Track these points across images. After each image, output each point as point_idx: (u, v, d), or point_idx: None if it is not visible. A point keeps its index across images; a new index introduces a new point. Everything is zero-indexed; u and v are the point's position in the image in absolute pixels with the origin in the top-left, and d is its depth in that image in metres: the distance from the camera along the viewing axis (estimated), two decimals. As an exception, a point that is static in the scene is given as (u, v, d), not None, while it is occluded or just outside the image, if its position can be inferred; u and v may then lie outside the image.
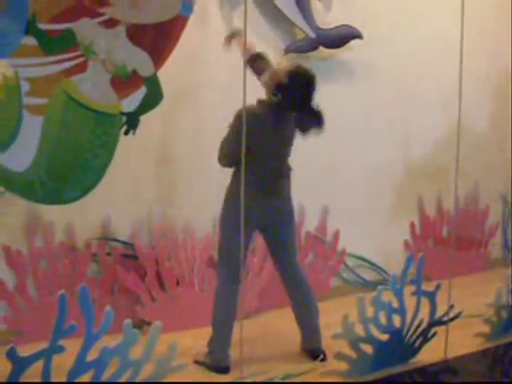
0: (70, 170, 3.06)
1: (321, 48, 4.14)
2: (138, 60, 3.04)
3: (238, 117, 2.98)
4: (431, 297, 3.13)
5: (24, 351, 2.17)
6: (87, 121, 3.02)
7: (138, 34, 3.02)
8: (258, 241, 3.95)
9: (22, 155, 2.95)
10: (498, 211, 5.49)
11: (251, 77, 2.71)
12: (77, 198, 3.13)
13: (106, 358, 2.36)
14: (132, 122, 3.12)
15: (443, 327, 3.25)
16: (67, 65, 2.93)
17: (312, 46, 4.09)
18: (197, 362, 3.19)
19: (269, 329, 3.73)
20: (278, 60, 3.63)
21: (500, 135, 5.32)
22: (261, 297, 3.95)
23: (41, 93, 2.92)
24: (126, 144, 3.19)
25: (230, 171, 3.26)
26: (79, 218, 3.49)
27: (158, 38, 3.08)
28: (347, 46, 4.27)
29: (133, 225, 3.67)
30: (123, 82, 3.04)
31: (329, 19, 4.22)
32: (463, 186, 4.97)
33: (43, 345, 2.21)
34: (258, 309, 3.92)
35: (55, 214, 3.39)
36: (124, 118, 3.10)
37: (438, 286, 3.15)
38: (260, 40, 3.92)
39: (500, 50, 5.07)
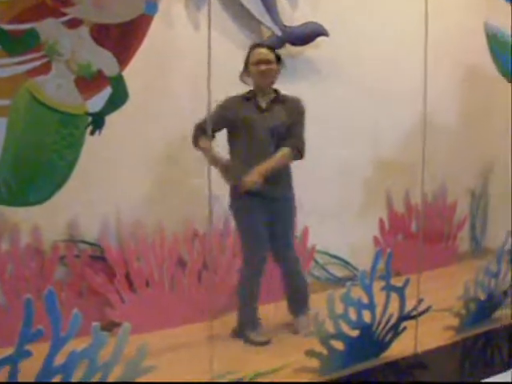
0: (36, 171, 3.03)
1: (287, 45, 4.14)
2: (102, 60, 3.01)
3: (222, 104, 3.40)
4: (400, 292, 3.15)
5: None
6: (52, 122, 2.98)
7: (102, 34, 2.99)
8: (228, 239, 3.95)
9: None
10: (466, 205, 5.55)
11: (217, 73, 2.70)
12: (43, 199, 3.09)
13: (74, 362, 2.33)
14: (97, 122, 3.09)
15: (413, 321, 3.27)
16: (31, 65, 2.89)
17: (278, 43, 4.08)
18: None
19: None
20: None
21: (468, 130, 5.38)
22: (230, 295, 3.94)
23: (4, 94, 2.88)
24: (92, 144, 3.16)
25: (198, 166, 3.27)
26: (46, 220, 3.44)
27: (123, 38, 3.06)
28: (314, 43, 4.28)
29: (101, 226, 3.63)
30: (88, 82, 3.01)
31: (295, 17, 4.23)
32: (431, 181, 5.02)
33: (10, 350, 2.18)
34: (228, 307, 3.91)
35: (21, 216, 3.34)
36: (89, 119, 3.07)
37: (406, 281, 3.17)
38: (226, 38, 3.93)
39: (467, 44, 5.11)
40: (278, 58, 3.47)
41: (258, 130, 3.38)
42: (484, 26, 4.50)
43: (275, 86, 3.50)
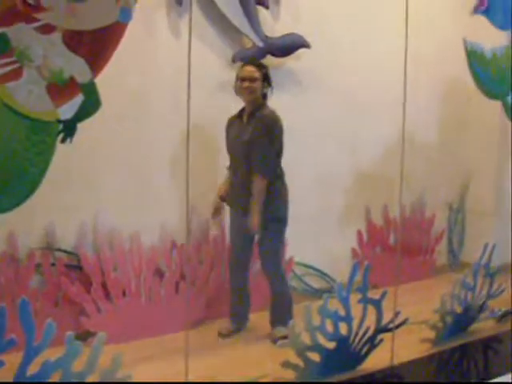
0: (6, 178, 2.97)
1: (269, 56, 4.15)
2: (74, 66, 2.97)
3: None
4: (377, 304, 3.16)
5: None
6: (23, 128, 2.93)
7: (74, 41, 2.95)
8: (205, 249, 3.94)
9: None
10: (443, 219, 5.58)
11: (197, 81, 2.70)
12: (12, 206, 3.03)
13: (47, 372, 2.30)
14: (69, 129, 3.05)
15: (389, 334, 3.28)
16: (1, 71, 2.84)
17: (259, 54, 4.09)
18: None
19: (216, 338, 3.70)
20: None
21: (446, 144, 5.42)
22: (208, 305, 3.92)
23: (-27, 100, 2.84)
24: (69, 151, 3.14)
25: (176, 176, 3.27)
26: (22, 228, 3.41)
27: (96, 45, 3.02)
28: (295, 54, 4.29)
29: (77, 234, 3.60)
30: (60, 88, 2.97)
31: (277, 28, 4.24)
32: (410, 194, 5.06)
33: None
34: (205, 317, 3.89)
35: (-4, 223, 3.30)
36: (61, 126, 3.03)
37: (383, 294, 3.17)
38: (207, 48, 3.93)
39: (447, 57, 5.16)
40: (266, 77, 3.63)
41: (235, 145, 3.64)
42: (463, 42, 4.53)
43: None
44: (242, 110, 3.66)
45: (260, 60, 4.04)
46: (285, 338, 3.39)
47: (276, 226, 3.63)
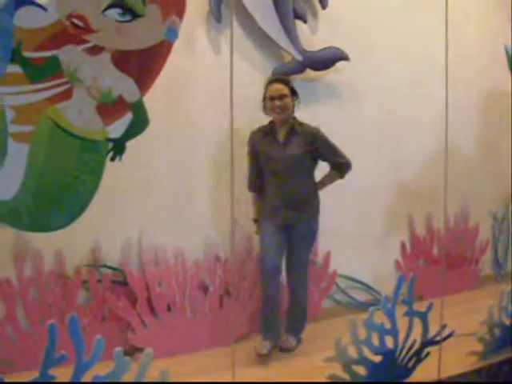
0: (57, 197, 3.04)
1: (308, 70, 4.17)
2: (123, 86, 3.04)
3: (248, 139, 3.69)
4: (423, 317, 3.11)
5: (14, 381, 2.15)
6: (73, 148, 3.01)
7: (122, 60, 3.02)
8: (249, 266, 3.95)
9: (7, 183, 2.93)
10: (488, 229, 5.51)
11: (238, 97, 2.73)
12: (64, 224, 3.10)
13: (97, 387, 2.33)
14: (118, 147, 3.11)
15: (436, 347, 3.23)
16: (52, 92, 2.92)
17: (299, 68, 4.11)
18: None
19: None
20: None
21: (488, 154, 5.35)
22: (251, 321, 3.93)
23: (26, 120, 2.91)
24: (113, 169, 3.19)
25: (220, 193, 3.29)
26: (68, 245, 3.47)
27: (143, 64, 3.09)
28: (334, 67, 4.30)
29: (122, 250, 3.64)
30: (109, 108, 3.03)
31: (315, 41, 4.26)
32: (453, 204, 4.99)
33: (34, 375, 2.19)
34: (249, 333, 3.90)
35: (44, 242, 3.36)
36: (110, 144, 3.09)
37: (429, 306, 3.13)
38: (247, 63, 3.96)
39: (487, 69, 5.11)
40: (293, 91, 3.62)
41: (277, 163, 3.60)
42: (505, 49, 4.49)
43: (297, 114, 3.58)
44: (271, 128, 3.66)
45: (299, 74, 4.08)
46: (289, 350, 3.70)
47: (313, 238, 3.74)
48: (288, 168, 3.58)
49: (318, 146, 3.61)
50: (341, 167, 3.72)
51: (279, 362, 3.56)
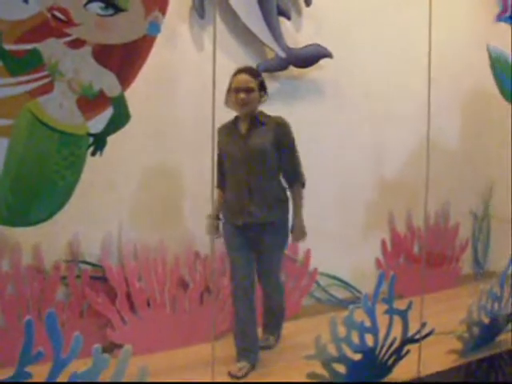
0: (36, 191, 3.01)
1: (291, 67, 4.16)
2: (104, 80, 3.01)
3: (217, 131, 3.28)
4: (403, 315, 3.12)
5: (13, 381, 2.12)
6: (53, 142, 2.98)
7: (104, 55, 2.99)
8: (227, 261, 3.93)
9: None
10: (468, 227, 5.54)
11: (221, 93, 2.71)
12: (43, 219, 3.08)
13: (74, 384, 2.31)
14: (99, 142, 3.08)
15: (416, 345, 3.25)
16: (33, 85, 2.89)
17: (282, 65, 4.10)
18: None
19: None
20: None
21: (470, 151, 5.38)
22: (232, 317, 3.91)
23: (6, 114, 2.88)
24: (93, 164, 3.16)
25: (200, 188, 3.27)
26: (47, 240, 3.43)
27: (125, 58, 3.06)
28: (317, 65, 4.29)
29: (102, 245, 3.61)
30: (90, 102, 3.01)
31: (299, 39, 4.25)
32: (434, 202, 5.02)
33: (11, 371, 2.16)
34: (229, 329, 3.88)
35: (22, 236, 3.32)
36: (91, 139, 3.07)
37: (409, 305, 3.14)
38: (230, 59, 3.94)
39: (469, 65, 5.14)
40: (262, 85, 3.36)
41: (237, 157, 3.32)
42: (487, 47, 4.52)
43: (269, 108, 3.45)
44: (235, 121, 3.39)
45: (282, 71, 4.07)
46: (268, 347, 3.68)
47: (284, 239, 3.50)
48: (250, 161, 3.28)
49: (281, 136, 3.32)
50: (298, 177, 3.43)
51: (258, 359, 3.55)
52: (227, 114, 3.32)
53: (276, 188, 3.41)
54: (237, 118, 3.39)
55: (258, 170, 3.31)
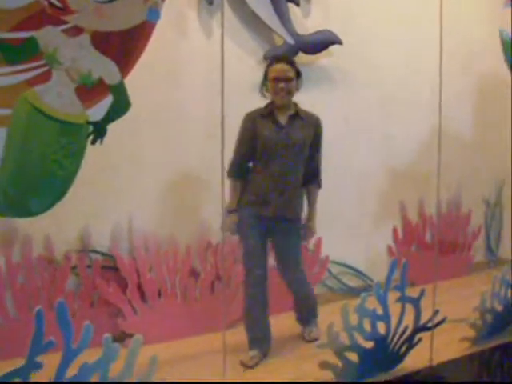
0: (36, 181, 2.98)
1: (300, 53, 4.12)
2: (103, 68, 2.97)
3: (244, 120, 3.33)
4: (415, 303, 3.10)
5: (1, 368, 2.11)
6: (52, 131, 2.94)
7: (102, 42, 2.95)
8: (238, 250, 3.92)
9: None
10: (480, 214, 5.50)
11: (229, 80, 2.69)
12: (43, 209, 3.04)
13: (86, 374, 2.30)
14: (99, 131, 3.05)
15: (428, 333, 3.22)
16: (30, 74, 2.85)
17: (291, 51, 4.06)
18: None
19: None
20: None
21: (482, 139, 5.33)
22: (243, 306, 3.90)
23: (3, 103, 2.84)
24: (103, 153, 3.14)
25: (210, 178, 3.25)
26: (57, 230, 3.43)
27: (124, 45, 3.02)
28: (326, 51, 4.26)
29: (112, 235, 3.61)
30: (89, 90, 2.97)
31: (308, 25, 4.22)
32: (445, 190, 4.98)
33: (21, 361, 2.15)
34: (241, 318, 3.87)
35: (33, 227, 3.32)
36: (90, 128, 3.03)
37: (422, 292, 3.11)
38: (238, 46, 3.92)
39: (480, 52, 5.09)
40: (298, 73, 3.35)
41: (278, 147, 3.30)
42: (499, 32, 4.46)
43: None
44: (271, 111, 3.34)
45: (291, 57, 4.03)
46: (316, 339, 3.54)
47: (299, 231, 3.53)
48: (288, 153, 3.30)
49: (316, 135, 3.40)
50: (318, 177, 3.51)
51: (271, 348, 3.54)
52: (235, 100, 3.29)
53: (299, 181, 3.43)
54: (270, 107, 3.35)
55: (294, 162, 3.34)
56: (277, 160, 3.30)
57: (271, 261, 3.52)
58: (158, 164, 3.70)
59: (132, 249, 3.64)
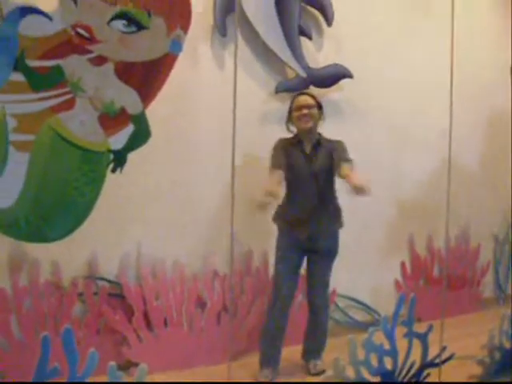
0: (56, 207, 3.01)
1: (311, 87, 4.15)
2: (125, 98, 3.02)
3: (273, 149, 3.53)
4: (423, 338, 3.07)
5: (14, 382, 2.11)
6: (74, 158, 2.98)
7: (126, 72, 3.00)
8: (247, 281, 3.91)
9: (7, 192, 2.90)
10: (489, 250, 5.47)
11: (241, 112, 2.70)
12: (62, 236, 3.07)
13: (89, 402, 2.28)
14: (119, 159, 3.08)
15: (436, 369, 3.19)
16: (55, 101, 2.90)
17: (302, 85, 4.10)
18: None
19: (257, 370, 3.65)
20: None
21: (491, 174, 5.33)
22: (249, 337, 3.88)
23: (28, 129, 2.89)
24: (113, 181, 3.16)
25: (219, 207, 3.24)
26: (65, 256, 3.43)
27: (147, 76, 3.07)
28: (337, 85, 4.29)
29: (120, 263, 3.61)
30: (111, 119, 3.01)
31: (320, 58, 4.25)
32: (454, 224, 4.96)
33: (25, 388, 2.15)
34: (247, 349, 3.85)
35: (41, 252, 3.33)
36: (111, 156, 3.07)
37: (429, 328, 3.08)
38: (251, 78, 3.95)
39: (491, 87, 5.11)
40: (320, 105, 3.59)
41: (303, 174, 3.52)
42: (511, 69, 4.49)
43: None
44: (298, 140, 3.57)
45: (302, 90, 4.06)
46: (323, 372, 3.47)
47: (335, 254, 3.68)
48: (314, 180, 3.52)
49: (337, 148, 3.55)
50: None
51: (277, 380, 3.51)
52: (248, 132, 3.31)
53: (334, 205, 3.66)
54: (298, 137, 3.59)
55: (324, 186, 3.55)
56: (303, 186, 3.53)
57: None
58: (167, 193, 3.72)
59: (139, 276, 3.63)
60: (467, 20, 4.63)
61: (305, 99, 3.54)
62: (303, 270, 3.67)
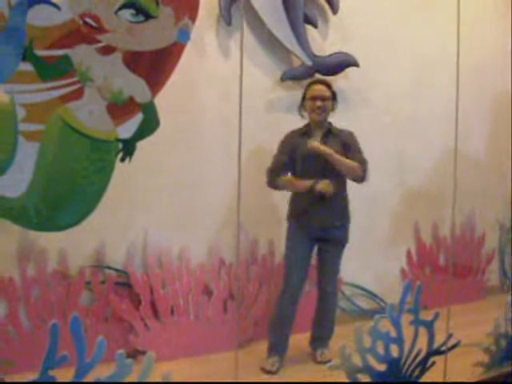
0: (65, 196, 3.02)
1: (317, 75, 4.14)
2: (134, 87, 3.02)
3: (284, 136, 3.58)
4: (429, 326, 3.08)
5: (15, 381, 2.13)
6: (83, 147, 2.99)
7: (134, 61, 3.00)
8: (253, 270, 3.92)
9: (16, 181, 2.91)
10: (494, 238, 5.47)
11: (246, 100, 2.71)
12: (71, 224, 3.08)
13: (98, 389, 2.30)
14: (128, 148, 3.08)
15: (442, 357, 3.20)
16: (64, 91, 2.90)
17: (308, 73, 4.09)
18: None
19: (264, 357, 3.67)
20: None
21: (497, 161, 5.31)
22: (256, 325, 3.90)
23: (37, 119, 2.89)
24: (120, 170, 3.17)
25: (226, 196, 3.24)
26: (73, 245, 3.45)
27: (155, 65, 3.07)
28: (343, 73, 4.28)
29: (127, 252, 3.62)
30: (119, 108, 3.01)
31: (325, 47, 4.24)
32: (460, 212, 4.96)
33: (34, 375, 2.16)
34: (253, 337, 3.87)
35: (48, 241, 3.35)
36: (120, 145, 3.08)
37: (436, 316, 3.09)
38: (256, 67, 3.95)
39: (497, 74, 5.09)
40: (334, 96, 3.60)
41: (313, 163, 3.48)
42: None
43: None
44: (308, 129, 3.58)
45: (308, 78, 4.06)
46: (330, 360, 3.53)
47: (344, 245, 3.69)
48: (323, 167, 3.47)
49: (348, 145, 3.55)
50: (362, 168, 3.58)
51: (283, 368, 3.52)
52: (252, 120, 3.31)
53: (344, 195, 3.67)
54: (309, 126, 3.59)
55: (333, 175, 3.48)
56: (313, 174, 3.48)
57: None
58: (175, 182, 3.72)
59: (146, 265, 3.65)
60: (473, 5, 4.61)
61: (320, 89, 3.53)
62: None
